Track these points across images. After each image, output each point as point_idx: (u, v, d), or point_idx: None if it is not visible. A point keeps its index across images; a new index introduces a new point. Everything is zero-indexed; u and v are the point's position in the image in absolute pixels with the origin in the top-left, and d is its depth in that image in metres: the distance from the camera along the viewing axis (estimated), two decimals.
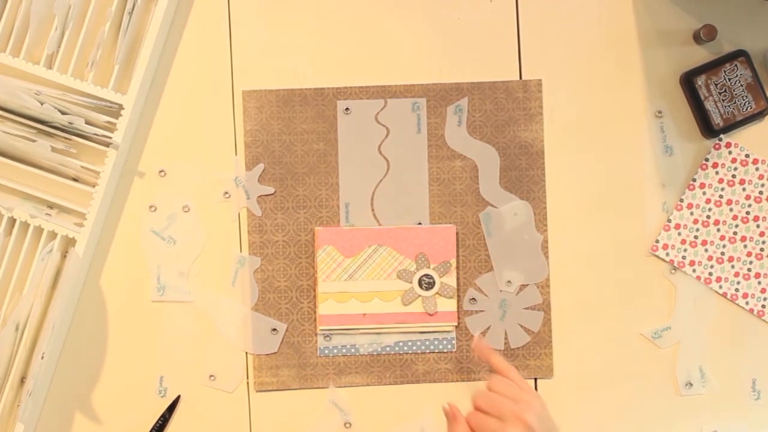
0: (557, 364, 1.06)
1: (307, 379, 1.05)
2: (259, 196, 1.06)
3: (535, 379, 1.06)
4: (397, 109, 1.06)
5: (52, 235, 1.01)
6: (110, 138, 1.00)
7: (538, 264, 1.06)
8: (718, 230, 1.06)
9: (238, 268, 1.05)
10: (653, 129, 1.07)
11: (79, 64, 1.02)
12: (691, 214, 1.06)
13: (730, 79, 1.04)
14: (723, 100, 1.04)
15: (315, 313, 1.05)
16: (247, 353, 1.05)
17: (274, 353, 1.05)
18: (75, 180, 1.03)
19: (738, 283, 1.06)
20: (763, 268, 1.06)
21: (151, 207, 1.06)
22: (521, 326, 1.06)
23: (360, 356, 1.05)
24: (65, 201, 1.03)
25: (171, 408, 1.05)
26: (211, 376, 1.05)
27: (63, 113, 0.99)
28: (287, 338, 1.05)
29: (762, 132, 1.07)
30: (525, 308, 1.06)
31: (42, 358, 0.98)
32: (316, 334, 1.05)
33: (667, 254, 1.06)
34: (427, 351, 1.05)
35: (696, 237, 1.06)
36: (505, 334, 1.06)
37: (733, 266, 1.06)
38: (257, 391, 1.05)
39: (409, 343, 1.05)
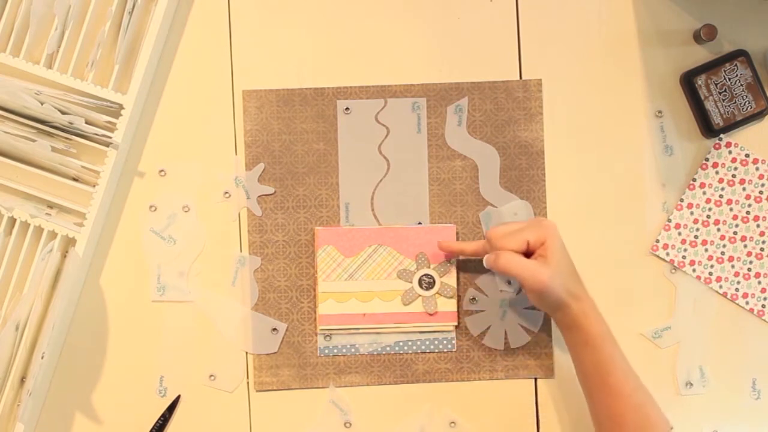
0: (557, 364, 1.06)
1: (307, 379, 1.05)
2: (259, 196, 1.06)
3: (535, 379, 1.06)
4: (397, 109, 1.06)
5: (52, 234, 1.01)
6: (110, 138, 1.00)
7: None
8: (718, 230, 1.06)
9: (238, 268, 1.05)
10: (653, 129, 1.07)
11: (79, 64, 1.02)
12: (691, 213, 1.06)
13: (730, 79, 1.04)
14: (723, 100, 1.04)
15: (315, 312, 1.05)
16: (247, 353, 1.05)
17: (274, 353, 1.05)
18: (75, 180, 1.03)
19: (738, 282, 1.06)
20: (763, 268, 1.06)
21: (151, 207, 1.06)
22: (521, 326, 1.06)
23: (360, 356, 1.05)
24: (65, 201, 1.03)
25: (171, 408, 1.05)
26: (211, 376, 1.05)
27: (63, 113, 0.99)
28: (287, 338, 1.05)
29: (762, 132, 1.07)
30: (525, 308, 1.06)
31: (42, 358, 0.98)
32: (316, 334, 1.05)
33: (667, 254, 1.06)
34: (427, 351, 1.05)
35: (696, 237, 1.06)
36: (505, 333, 1.06)
37: (733, 266, 1.06)
38: (257, 391, 1.05)
39: (409, 343, 1.05)
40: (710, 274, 1.06)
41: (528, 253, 0.96)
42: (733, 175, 1.06)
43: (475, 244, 1.00)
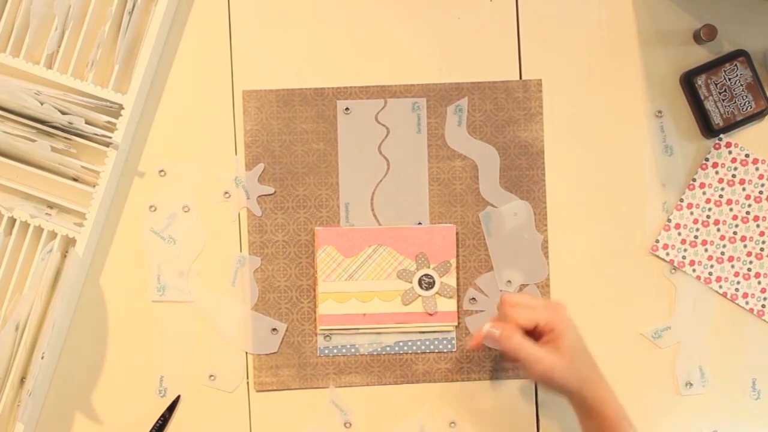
0: None
1: (307, 379, 1.05)
2: (259, 196, 1.06)
3: None
4: (397, 109, 1.06)
5: (52, 235, 1.01)
6: (110, 138, 1.00)
7: (538, 264, 1.06)
8: (718, 230, 1.06)
9: (238, 268, 1.05)
10: (653, 129, 1.07)
11: (79, 64, 1.02)
12: (691, 213, 1.06)
13: (730, 79, 1.04)
14: (723, 100, 1.04)
15: (315, 313, 1.05)
16: (247, 353, 1.05)
17: (274, 353, 1.05)
18: (75, 180, 1.03)
19: (738, 282, 1.06)
20: (763, 268, 1.06)
21: (151, 207, 1.06)
22: None
23: (360, 356, 1.05)
24: (65, 201, 1.03)
25: (171, 408, 1.05)
26: (211, 376, 1.05)
27: (63, 113, 0.99)
28: (287, 338, 1.05)
29: (762, 132, 1.07)
30: None
31: (42, 358, 0.98)
32: (316, 334, 1.05)
33: (667, 254, 1.06)
34: (427, 351, 1.05)
35: (696, 237, 1.06)
36: None
37: (733, 266, 1.06)
38: (257, 391, 1.05)
39: (409, 343, 1.05)
40: (710, 274, 1.06)
41: (535, 333, 0.95)
42: (733, 175, 1.06)
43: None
